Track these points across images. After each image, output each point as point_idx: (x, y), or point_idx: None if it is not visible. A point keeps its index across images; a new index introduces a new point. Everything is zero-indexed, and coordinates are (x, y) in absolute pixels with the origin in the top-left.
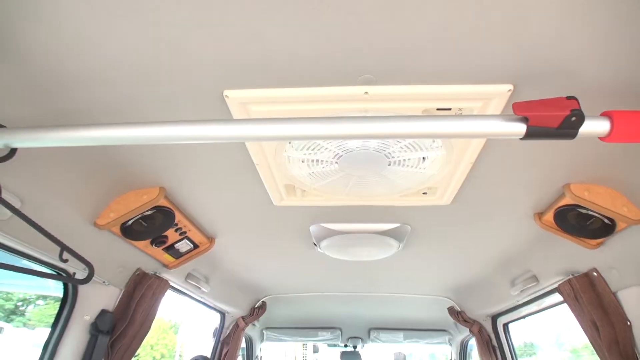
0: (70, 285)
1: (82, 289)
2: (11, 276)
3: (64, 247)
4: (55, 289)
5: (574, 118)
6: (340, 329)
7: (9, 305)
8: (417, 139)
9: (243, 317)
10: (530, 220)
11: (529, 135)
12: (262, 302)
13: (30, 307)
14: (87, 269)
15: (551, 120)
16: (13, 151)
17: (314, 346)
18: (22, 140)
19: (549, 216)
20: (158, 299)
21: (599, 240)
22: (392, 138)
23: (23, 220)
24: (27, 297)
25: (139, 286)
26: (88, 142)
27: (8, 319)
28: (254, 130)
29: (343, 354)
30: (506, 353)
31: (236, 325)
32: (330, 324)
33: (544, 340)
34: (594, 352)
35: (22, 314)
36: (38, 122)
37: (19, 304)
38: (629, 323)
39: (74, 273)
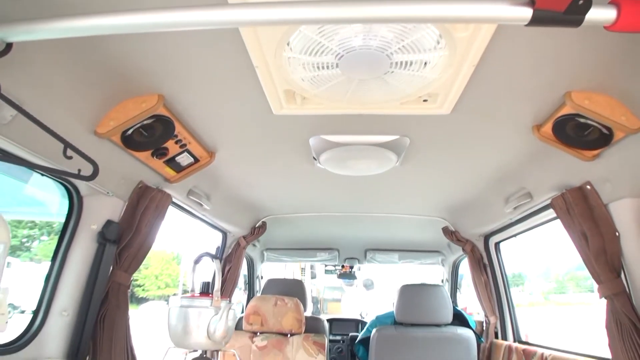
0: (75, 197)
1: (87, 200)
2: (16, 204)
3: (67, 145)
4: (59, 214)
5: (581, 1)
6: (338, 250)
7: (15, 242)
8: (420, 29)
9: (244, 237)
10: (528, 133)
11: (535, 20)
12: (262, 222)
13: (35, 242)
14: (92, 167)
15: (558, 3)
16: (9, 46)
17: (312, 272)
18: (18, 34)
19: (548, 127)
20: (162, 212)
21: (595, 152)
22: (393, 22)
23: (26, 117)
24: (32, 234)
25: (142, 199)
26: (84, 32)
27: (15, 255)
28: (249, 14)
29: (341, 274)
30: (496, 270)
31: (237, 244)
32: (328, 245)
33: (531, 272)
34: (578, 284)
35: (28, 249)
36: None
37: (24, 240)
38: (617, 234)
39: (79, 170)
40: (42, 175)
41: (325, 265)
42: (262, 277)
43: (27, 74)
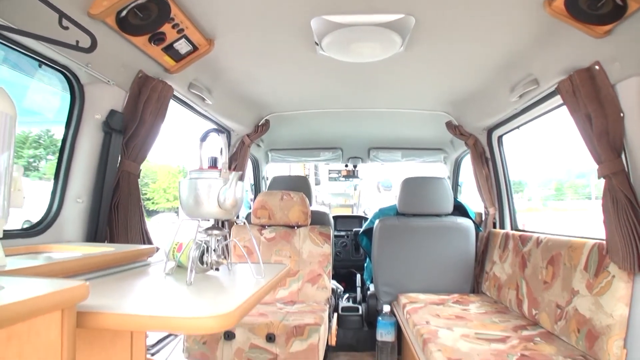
0: (76, 87)
1: (88, 89)
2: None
3: (62, 15)
4: (59, 120)
5: None
6: (341, 149)
7: (22, 163)
8: None
9: (248, 135)
10: (539, 9)
11: None
12: (266, 119)
13: (42, 162)
14: (89, 39)
15: None
16: None
17: (316, 179)
18: None
19: (560, 1)
20: (164, 103)
21: (606, 28)
22: None
23: None
24: (38, 154)
25: (143, 89)
26: None
27: (24, 174)
28: None
29: (344, 176)
30: (498, 164)
31: (242, 143)
32: (331, 144)
33: (531, 179)
34: (577, 191)
35: (37, 169)
36: None
37: (31, 160)
38: (622, 114)
39: (78, 41)
40: (40, 62)
41: (329, 173)
42: (267, 178)
43: None
